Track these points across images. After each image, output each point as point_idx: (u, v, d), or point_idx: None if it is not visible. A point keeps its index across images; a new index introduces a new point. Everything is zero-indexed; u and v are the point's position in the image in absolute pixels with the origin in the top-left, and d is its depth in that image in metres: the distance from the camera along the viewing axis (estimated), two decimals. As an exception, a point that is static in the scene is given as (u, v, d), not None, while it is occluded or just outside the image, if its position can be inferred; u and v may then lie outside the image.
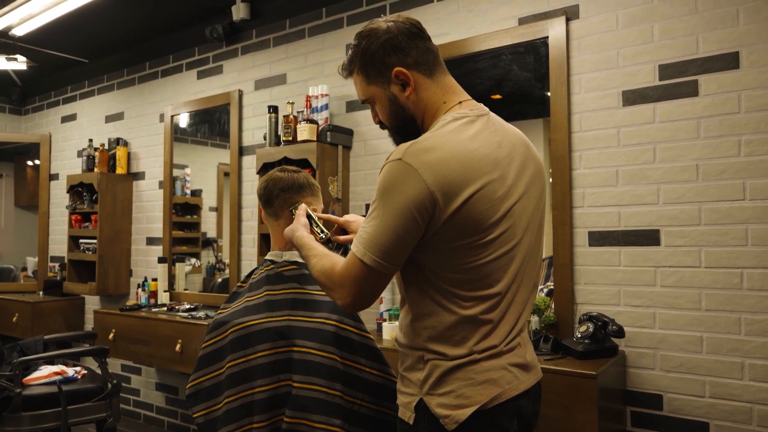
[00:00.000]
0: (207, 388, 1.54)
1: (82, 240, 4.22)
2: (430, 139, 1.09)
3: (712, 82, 2.08)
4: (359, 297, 1.11)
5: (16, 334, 4.13)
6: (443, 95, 1.20)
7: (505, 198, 1.11)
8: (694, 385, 2.08)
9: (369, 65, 1.20)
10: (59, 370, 2.91)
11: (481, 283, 1.11)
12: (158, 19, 3.64)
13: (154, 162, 4.06)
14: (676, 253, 2.14)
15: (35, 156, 4.96)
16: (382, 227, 1.07)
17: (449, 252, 1.09)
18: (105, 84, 4.46)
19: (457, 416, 1.09)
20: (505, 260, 1.12)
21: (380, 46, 1.17)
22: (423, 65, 1.19)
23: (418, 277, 1.14)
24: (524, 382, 1.16)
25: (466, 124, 1.13)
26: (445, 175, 1.04)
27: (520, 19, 2.52)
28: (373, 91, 1.22)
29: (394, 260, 1.08)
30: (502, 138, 1.16)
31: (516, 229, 1.14)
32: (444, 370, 1.12)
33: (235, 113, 3.53)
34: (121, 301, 4.10)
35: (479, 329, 1.12)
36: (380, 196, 1.08)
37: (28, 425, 2.66)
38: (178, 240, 4.00)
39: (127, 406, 4.14)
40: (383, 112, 1.24)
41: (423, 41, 1.20)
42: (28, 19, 3.20)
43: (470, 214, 1.06)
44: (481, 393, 1.10)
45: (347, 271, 1.11)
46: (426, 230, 1.07)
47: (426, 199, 1.04)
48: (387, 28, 1.18)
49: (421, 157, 1.05)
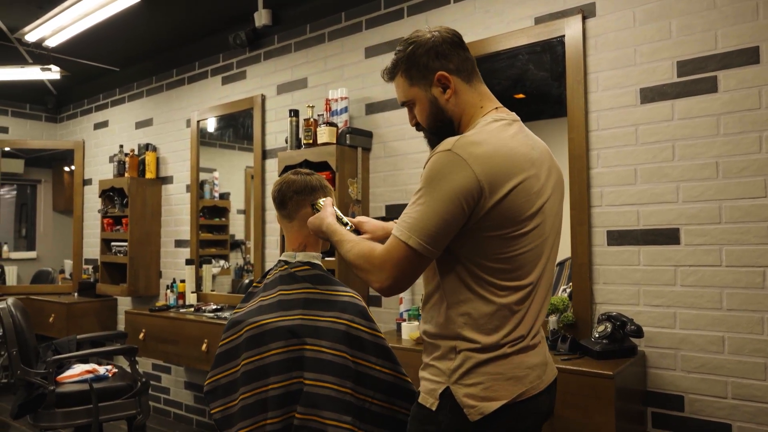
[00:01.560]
0: (224, 385, 1.59)
1: (113, 243, 4.35)
2: (477, 134, 1.18)
3: (732, 78, 2.05)
4: (399, 280, 1.16)
5: (53, 334, 4.28)
6: (480, 101, 1.29)
7: (540, 194, 1.20)
8: (716, 386, 2.05)
9: (414, 68, 1.28)
10: (91, 368, 3.01)
11: (516, 273, 1.18)
12: (184, 28, 3.74)
13: (182, 166, 4.16)
14: (696, 251, 2.11)
15: (71, 162, 5.14)
16: (429, 212, 1.12)
17: (488, 241, 1.15)
18: (135, 91, 4.59)
19: (483, 408, 1.16)
20: (536, 253, 1.20)
21: (426, 51, 1.27)
22: (463, 72, 1.28)
23: (454, 265, 1.20)
24: (545, 381, 1.24)
25: (506, 126, 1.23)
26: (492, 167, 1.13)
27: (537, 18, 2.51)
28: (414, 92, 1.30)
29: (437, 245, 1.14)
30: (534, 142, 1.27)
31: (545, 226, 1.22)
32: (476, 362, 1.18)
33: (258, 117, 3.60)
34: (151, 301, 4.21)
35: (511, 318, 1.19)
36: (428, 183, 1.14)
37: (61, 421, 2.77)
38: (207, 242, 4.09)
39: (157, 404, 4.25)
40: (422, 114, 1.31)
41: (463, 51, 1.29)
42: (59, 30, 3.33)
43: (511, 205, 1.14)
44: (507, 389, 1.17)
45: (389, 254, 1.16)
46: (469, 218, 1.14)
47: (474, 188, 1.11)
48: (432, 36, 1.28)
49: (469, 149, 1.13)
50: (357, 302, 1.56)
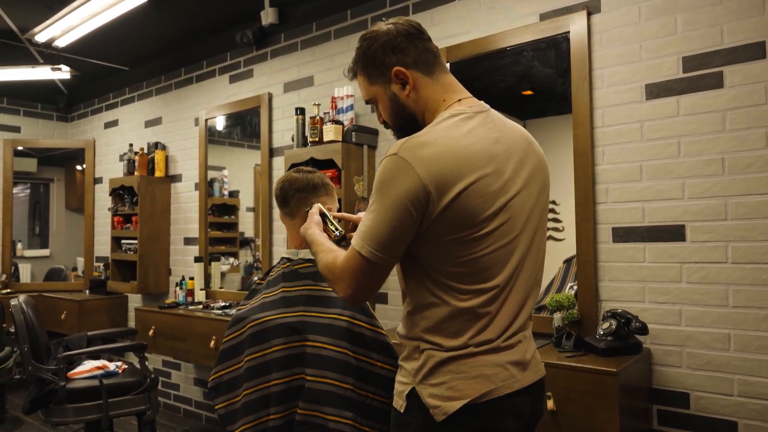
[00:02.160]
0: (227, 381, 1.61)
1: (124, 240, 4.40)
2: (426, 134, 1.13)
3: (738, 74, 2.03)
4: (358, 289, 1.15)
5: (65, 331, 4.33)
6: (443, 93, 1.23)
7: (502, 192, 1.13)
8: (721, 384, 2.04)
9: (370, 66, 1.25)
10: (101, 364, 3.04)
11: (479, 276, 1.13)
12: (192, 27, 3.77)
13: (191, 164, 4.20)
14: (702, 248, 2.09)
15: (83, 161, 5.19)
16: (379, 220, 1.10)
17: (446, 245, 1.11)
18: (144, 90, 4.63)
19: (446, 408, 1.11)
20: (503, 253, 1.14)
21: (380, 46, 1.22)
22: (422, 64, 1.22)
23: (416, 269, 1.17)
24: (521, 381, 1.17)
25: (463, 121, 1.16)
26: (439, 170, 1.07)
27: (542, 14, 2.50)
28: (375, 90, 1.27)
29: (391, 252, 1.12)
30: (501, 134, 1.18)
31: (514, 223, 1.16)
32: (438, 360, 1.14)
33: (266, 116, 3.62)
34: (161, 299, 4.25)
35: (476, 322, 1.13)
36: (377, 191, 1.12)
37: (72, 416, 2.81)
38: (216, 240, 4.12)
39: (168, 400, 4.29)
40: (385, 111, 1.28)
41: (422, 42, 1.23)
42: (68, 30, 3.36)
43: (463, 207, 1.08)
44: (472, 387, 1.12)
45: (347, 264, 1.15)
46: (421, 223, 1.10)
47: (419, 193, 1.07)
48: (387, 30, 1.23)
49: (415, 151, 1.09)
50: (359, 299, 1.57)
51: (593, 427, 1.90)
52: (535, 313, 2.53)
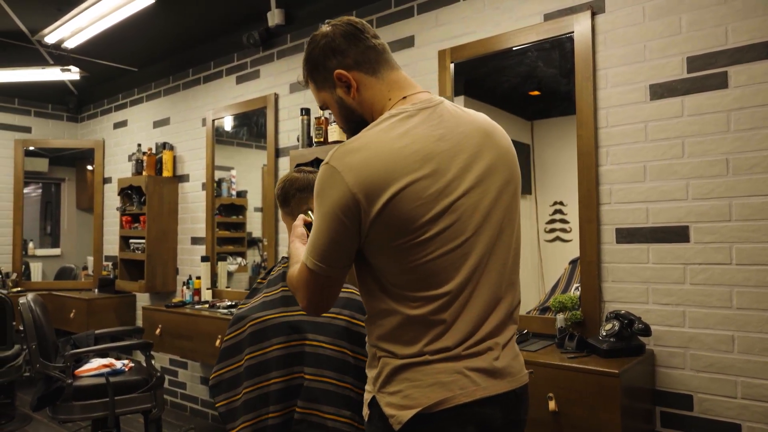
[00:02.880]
0: (228, 380, 1.62)
1: (132, 240, 4.43)
2: (358, 139, 1.09)
3: (743, 74, 2.02)
4: (312, 300, 1.14)
5: (73, 329, 4.38)
6: (388, 92, 1.18)
7: (444, 193, 1.07)
8: (725, 386, 2.02)
9: (314, 72, 1.21)
10: (108, 362, 3.07)
11: (428, 282, 1.08)
12: (199, 28, 3.80)
13: (198, 165, 4.23)
14: (706, 249, 2.08)
15: (92, 161, 5.24)
16: (317, 231, 1.09)
17: (390, 252, 1.07)
18: (153, 91, 4.67)
19: (400, 417, 1.07)
20: (453, 258, 1.08)
21: (320, 51, 1.18)
22: (364, 64, 1.17)
23: (368, 277, 1.14)
24: (487, 389, 1.10)
25: (401, 120, 1.10)
26: (367, 177, 1.03)
27: (546, 15, 2.50)
28: (324, 96, 1.23)
29: (333, 263, 1.09)
30: (447, 131, 1.12)
31: (464, 225, 1.09)
32: (393, 368, 1.10)
33: (272, 116, 3.64)
34: (168, 298, 4.28)
35: (430, 330, 1.08)
36: (315, 200, 1.10)
37: (79, 414, 2.83)
38: (224, 240, 4.14)
39: (174, 398, 4.33)
40: (336, 116, 1.25)
41: (363, 41, 1.18)
42: (77, 32, 3.40)
43: (397, 213, 1.04)
44: (427, 396, 1.07)
45: (299, 276, 1.15)
46: (359, 232, 1.07)
47: (349, 202, 1.04)
48: (325, 33, 1.19)
49: (345, 159, 1.05)
50: (357, 298, 1.58)
51: (595, 428, 1.89)
52: (540, 315, 2.53)
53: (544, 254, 2.78)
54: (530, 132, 2.86)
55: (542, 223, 2.75)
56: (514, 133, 2.90)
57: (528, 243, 2.78)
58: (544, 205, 2.73)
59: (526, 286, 2.79)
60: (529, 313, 2.57)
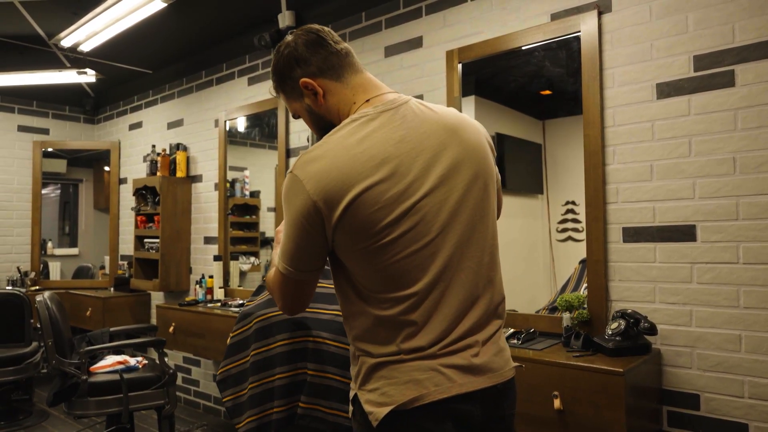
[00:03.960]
0: (234, 375, 1.65)
1: (146, 239, 4.50)
2: (319, 147, 1.11)
3: (750, 72, 2.01)
4: (286, 302, 1.19)
5: (90, 327, 4.46)
6: (353, 96, 1.19)
7: (404, 195, 1.08)
8: (732, 385, 2.02)
9: (282, 82, 1.23)
10: (122, 359, 3.13)
11: (395, 284, 1.09)
12: (211, 30, 3.85)
13: (211, 165, 4.28)
14: (713, 248, 2.07)
15: (109, 162, 5.33)
16: (285, 238, 1.13)
17: (356, 256, 1.10)
18: (167, 93, 4.74)
19: (377, 414, 1.10)
20: (418, 258, 1.09)
21: (285, 61, 1.20)
22: (328, 71, 1.19)
23: (342, 279, 1.17)
24: (463, 386, 1.11)
25: (361, 125, 1.12)
26: (326, 184, 1.05)
27: (553, 14, 2.51)
28: (295, 106, 1.25)
29: (302, 267, 1.13)
30: (408, 132, 1.12)
31: (428, 226, 1.10)
32: (370, 366, 1.13)
33: (282, 117, 3.68)
34: (182, 296, 4.34)
35: (402, 330, 1.10)
36: (283, 207, 1.13)
37: (94, 409, 2.90)
38: (237, 239, 4.19)
39: (188, 395, 4.39)
40: (308, 124, 1.27)
41: (325, 47, 1.19)
42: (92, 35, 3.47)
43: (357, 218, 1.06)
44: (402, 393, 1.09)
45: (275, 279, 1.19)
46: (325, 237, 1.10)
47: (311, 209, 1.06)
48: (288, 42, 1.21)
49: (305, 167, 1.08)
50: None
51: (600, 427, 1.90)
52: (549, 314, 2.54)
53: (556, 254, 2.78)
54: (542, 131, 2.87)
55: (554, 223, 2.75)
56: (526, 132, 2.91)
57: (540, 242, 2.79)
58: (556, 205, 2.74)
59: (538, 285, 2.80)
60: (538, 312, 2.58)
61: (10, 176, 5.17)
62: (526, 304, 2.64)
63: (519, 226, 2.85)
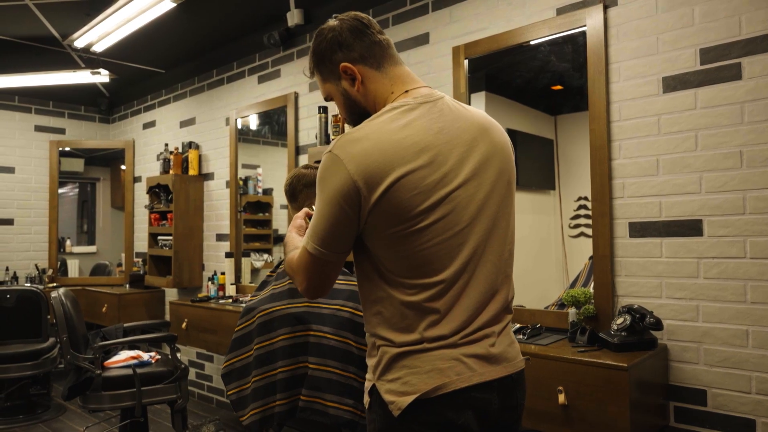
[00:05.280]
0: (238, 369, 1.68)
1: (160, 237, 4.57)
2: (360, 129, 1.13)
3: (757, 65, 1.99)
4: (310, 284, 1.19)
5: (105, 323, 4.54)
6: (391, 86, 1.22)
7: (440, 184, 1.11)
8: (739, 381, 2.00)
9: (321, 64, 1.26)
10: (135, 354, 3.19)
11: (422, 270, 1.12)
12: (222, 29, 3.89)
13: (222, 163, 4.33)
14: (719, 243, 2.06)
15: (125, 161, 5.42)
16: (318, 217, 1.13)
17: (387, 239, 1.11)
18: (179, 92, 4.79)
19: (400, 403, 1.11)
20: (447, 247, 1.12)
21: (327, 44, 1.23)
22: (369, 59, 1.22)
23: (366, 263, 1.18)
24: (483, 375, 1.13)
25: (402, 113, 1.15)
26: (368, 165, 1.07)
27: (558, 9, 2.50)
28: (329, 88, 1.28)
29: (333, 248, 1.13)
30: (446, 124, 1.16)
31: (460, 216, 1.13)
32: (392, 356, 1.14)
33: (292, 114, 3.71)
34: (195, 293, 4.40)
35: (426, 317, 1.12)
36: (317, 187, 1.14)
37: (108, 403, 2.95)
38: (251, 237, 4.23)
39: (201, 390, 4.45)
40: (340, 108, 1.29)
41: (369, 36, 1.22)
42: (104, 36, 3.52)
43: (395, 201, 1.08)
44: (425, 382, 1.11)
45: (300, 260, 1.19)
46: (360, 218, 1.11)
47: (350, 189, 1.08)
48: (332, 26, 1.24)
49: (347, 148, 1.10)
50: (362, 291, 1.62)
51: (604, 422, 1.90)
52: (558, 309, 2.53)
53: (568, 250, 2.77)
54: (554, 127, 2.86)
55: (566, 219, 2.74)
56: (537, 128, 2.90)
57: (552, 238, 2.78)
58: (569, 201, 2.73)
59: (550, 281, 2.80)
60: (547, 308, 2.58)
61: (27, 175, 5.27)
62: (536, 299, 2.63)
63: (531, 222, 2.84)
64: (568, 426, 1.97)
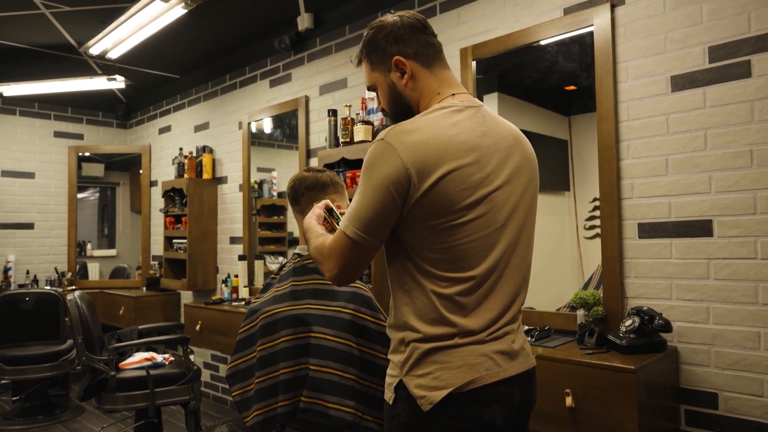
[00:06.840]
0: (242, 370, 1.70)
1: (175, 240, 4.62)
2: (413, 122, 1.17)
3: (766, 62, 1.96)
4: (344, 269, 1.19)
5: (122, 325, 4.60)
6: (439, 87, 1.27)
7: (483, 183, 1.16)
8: (751, 384, 1.97)
9: (373, 53, 1.30)
10: (149, 356, 3.23)
11: (457, 264, 1.15)
12: (234, 35, 3.93)
13: (235, 167, 4.37)
14: (730, 244, 2.02)
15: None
16: (363, 202, 1.15)
17: (426, 230, 1.14)
18: (193, 97, 4.86)
19: (432, 397, 1.14)
20: (482, 245, 1.16)
21: (384, 36, 1.28)
22: (422, 57, 1.27)
23: (399, 253, 1.20)
24: (507, 370, 1.19)
25: (452, 113, 1.20)
26: (421, 155, 1.11)
27: (565, 9, 2.48)
28: (376, 77, 1.32)
29: (375, 234, 1.15)
30: (488, 129, 1.22)
31: (496, 216, 1.18)
32: (423, 351, 1.16)
33: (303, 118, 3.73)
34: (209, 295, 4.45)
35: (457, 312, 1.16)
36: (363, 173, 1.17)
37: (122, 404, 3.00)
38: (266, 239, 4.27)
39: (216, 392, 4.49)
40: (384, 98, 1.33)
41: (425, 36, 1.28)
42: (119, 42, 3.58)
43: (442, 193, 1.12)
44: (456, 377, 1.14)
45: (334, 244, 1.20)
46: (403, 207, 1.14)
47: (402, 176, 1.11)
48: (393, 21, 1.28)
49: (401, 137, 1.14)
50: (363, 293, 1.63)
51: (612, 424, 1.88)
52: (570, 311, 2.51)
53: (583, 251, 2.75)
54: (568, 127, 2.84)
55: (582, 220, 2.72)
56: (551, 128, 2.88)
57: (567, 240, 2.76)
58: (584, 202, 2.71)
59: (565, 282, 2.78)
60: (559, 310, 2.56)
61: (47, 180, 5.37)
62: (550, 301, 2.61)
63: (545, 223, 2.82)
64: (576, 428, 1.95)
